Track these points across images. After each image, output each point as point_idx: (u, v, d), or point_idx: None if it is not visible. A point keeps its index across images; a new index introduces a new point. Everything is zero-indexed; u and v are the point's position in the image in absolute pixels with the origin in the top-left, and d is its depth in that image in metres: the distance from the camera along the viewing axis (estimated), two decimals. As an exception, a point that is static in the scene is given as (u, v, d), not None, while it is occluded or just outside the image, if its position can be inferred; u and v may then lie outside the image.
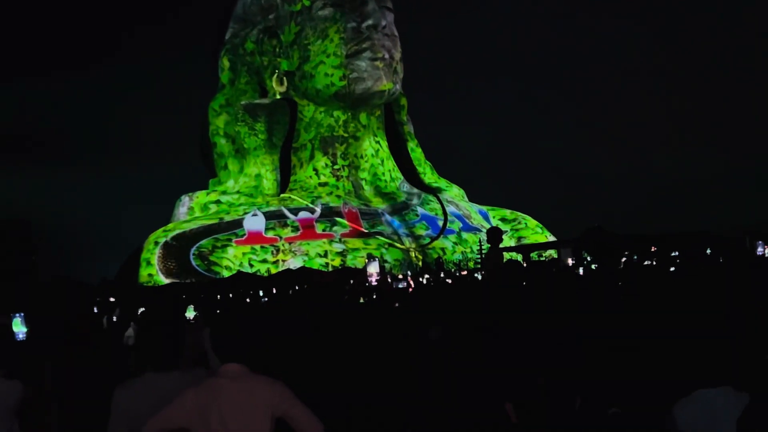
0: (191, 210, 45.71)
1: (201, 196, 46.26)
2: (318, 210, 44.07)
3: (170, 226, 43.83)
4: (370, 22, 44.43)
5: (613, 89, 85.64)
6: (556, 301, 9.22)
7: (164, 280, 39.67)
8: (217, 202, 45.66)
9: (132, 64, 77.93)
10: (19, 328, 10.44)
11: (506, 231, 48.25)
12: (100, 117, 79.36)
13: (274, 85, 46.52)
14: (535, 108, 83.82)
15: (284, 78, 46.24)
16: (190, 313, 16.83)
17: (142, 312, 17.37)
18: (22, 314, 10.58)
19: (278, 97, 46.49)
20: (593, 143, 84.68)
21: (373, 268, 26.59)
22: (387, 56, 44.73)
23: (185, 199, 46.44)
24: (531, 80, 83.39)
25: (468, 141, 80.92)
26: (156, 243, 41.47)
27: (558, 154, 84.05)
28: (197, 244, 40.84)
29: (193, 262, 40.01)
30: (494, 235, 19.18)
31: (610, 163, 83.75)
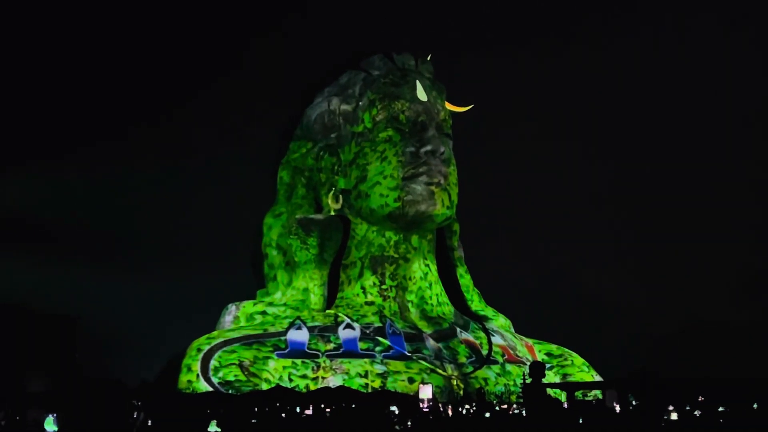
0: (237, 319, 45.82)
1: (248, 306, 46.41)
2: (357, 328, 43.98)
3: (214, 333, 43.93)
4: (428, 147, 45.16)
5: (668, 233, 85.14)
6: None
7: (204, 387, 39.49)
8: (263, 313, 45.71)
9: (192, 170, 79.66)
10: (51, 427, 10.44)
11: (550, 366, 47.43)
12: (153, 220, 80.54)
13: (330, 201, 47.14)
14: (587, 243, 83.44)
15: (340, 195, 46.89)
16: (212, 429, 16.65)
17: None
18: (56, 414, 10.60)
19: (333, 213, 47.00)
20: (645, 282, 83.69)
21: (426, 394, 26.16)
22: (443, 182, 45.23)
23: (232, 308, 46.64)
24: (582, 213, 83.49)
25: (519, 273, 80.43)
26: (199, 350, 41.54)
27: (608, 292, 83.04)
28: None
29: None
30: (537, 370, 18.86)
31: (660, 303, 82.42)
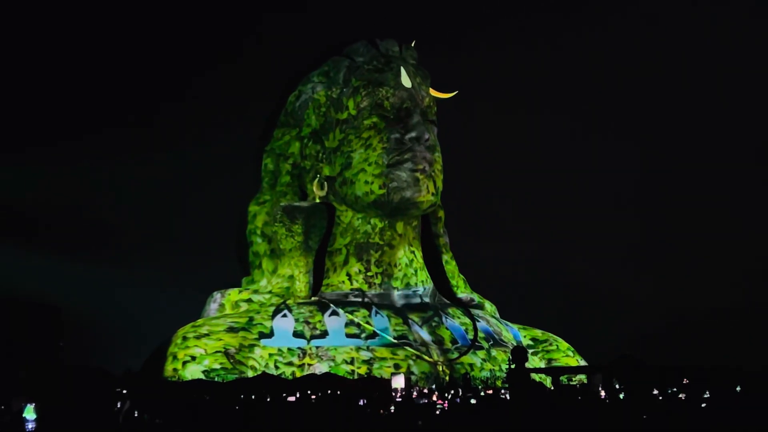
0: (222, 307, 45.84)
1: (233, 294, 46.41)
2: (342, 316, 44.09)
3: (199, 321, 43.95)
4: (413, 134, 45.14)
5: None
6: (582, 427, 9.01)
7: (188, 376, 39.53)
8: (248, 300, 45.74)
9: (176, 159, 79.35)
10: (31, 415, 10.37)
11: (534, 351, 47.73)
12: (138, 208, 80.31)
13: (314, 188, 47.08)
14: (573, 229, 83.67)
15: (325, 183, 46.84)
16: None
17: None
18: (34, 404, 10.52)
19: (317, 200, 46.97)
20: (631, 266, 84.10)
21: (398, 383, 26.22)
22: (427, 168, 45.24)
23: (217, 295, 46.65)
24: (570, 199, 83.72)
25: (505, 258, 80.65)
26: (184, 338, 41.60)
27: (592, 277, 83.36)
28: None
29: None
30: (519, 355, 18.88)
31: (646, 289, 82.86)
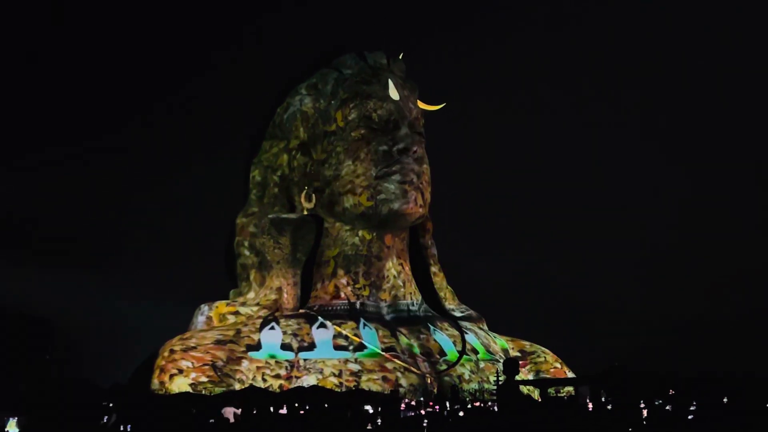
0: (209, 319, 45.70)
1: (221, 306, 46.30)
2: (330, 328, 43.99)
3: (187, 334, 43.76)
4: (401, 146, 45.15)
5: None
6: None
7: (175, 389, 39.33)
8: (236, 313, 45.63)
9: (166, 172, 79.37)
10: (13, 430, 10.29)
11: (525, 361, 47.67)
12: (128, 221, 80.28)
13: (302, 201, 47.03)
14: (560, 240, 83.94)
15: (313, 195, 46.78)
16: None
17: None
18: (17, 417, 10.44)
19: (305, 212, 46.91)
20: (618, 278, 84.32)
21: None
22: (415, 180, 45.24)
23: (204, 308, 46.53)
24: (556, 212, 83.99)
25: (492, 270, 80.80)
26: (171, 351, 41.37)
27: (579, 289, 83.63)
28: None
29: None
30: (511, 366, 18.78)
31: (634, 300, 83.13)
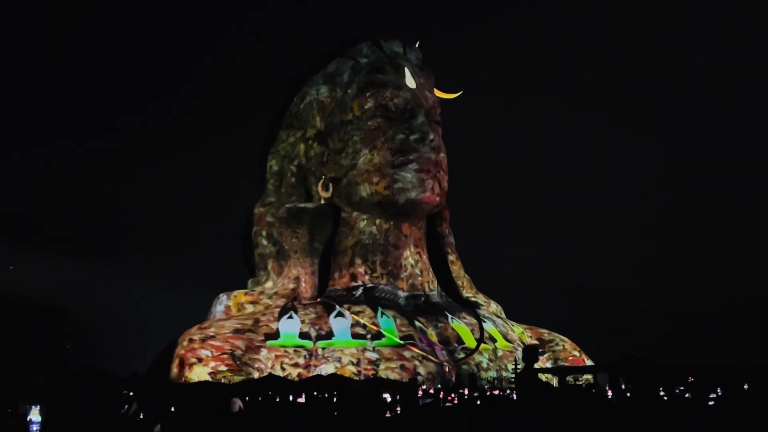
0: (228, 309, 45.82)
1: (239, 296, 46.41)
2: (348, 317, 43.92)
3: (206, 323, 43.89)
4: (418, 135, 45.00)
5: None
6: (588, 427, 8.99)
7: (194, 378, 39.49)
8: (254, 302, 45.73)
9: (181, 160, 79.55)
10: (37, 418, 10.38)
11: (542, 351, 47.56)
12: (145, 210, 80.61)
13: (320, 190, 47.02)
14: (578, 229, 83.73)
15: (330, 184, 46.75)
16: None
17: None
18: (39, 406, 10.53)
19: (323, 202, 46.91)
20: (636, 266, 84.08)
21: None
22: (432, 169, 45.11)
23: (223, 297, 46.64)
24: (572, 202, 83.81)
25: (510, 258, 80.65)
26: (191, 340, 41.47)
27: (597, 277, 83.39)
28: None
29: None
30: (530, 353, 18.65)
31: (650, 288, 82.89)
